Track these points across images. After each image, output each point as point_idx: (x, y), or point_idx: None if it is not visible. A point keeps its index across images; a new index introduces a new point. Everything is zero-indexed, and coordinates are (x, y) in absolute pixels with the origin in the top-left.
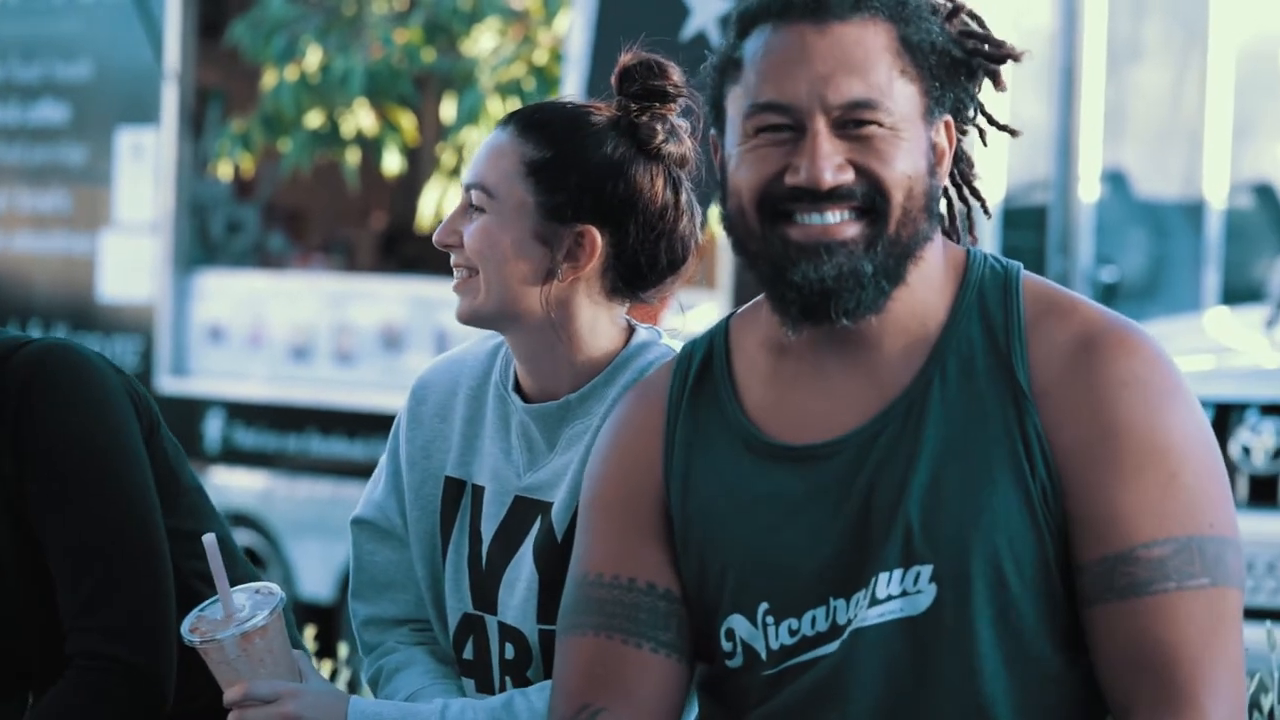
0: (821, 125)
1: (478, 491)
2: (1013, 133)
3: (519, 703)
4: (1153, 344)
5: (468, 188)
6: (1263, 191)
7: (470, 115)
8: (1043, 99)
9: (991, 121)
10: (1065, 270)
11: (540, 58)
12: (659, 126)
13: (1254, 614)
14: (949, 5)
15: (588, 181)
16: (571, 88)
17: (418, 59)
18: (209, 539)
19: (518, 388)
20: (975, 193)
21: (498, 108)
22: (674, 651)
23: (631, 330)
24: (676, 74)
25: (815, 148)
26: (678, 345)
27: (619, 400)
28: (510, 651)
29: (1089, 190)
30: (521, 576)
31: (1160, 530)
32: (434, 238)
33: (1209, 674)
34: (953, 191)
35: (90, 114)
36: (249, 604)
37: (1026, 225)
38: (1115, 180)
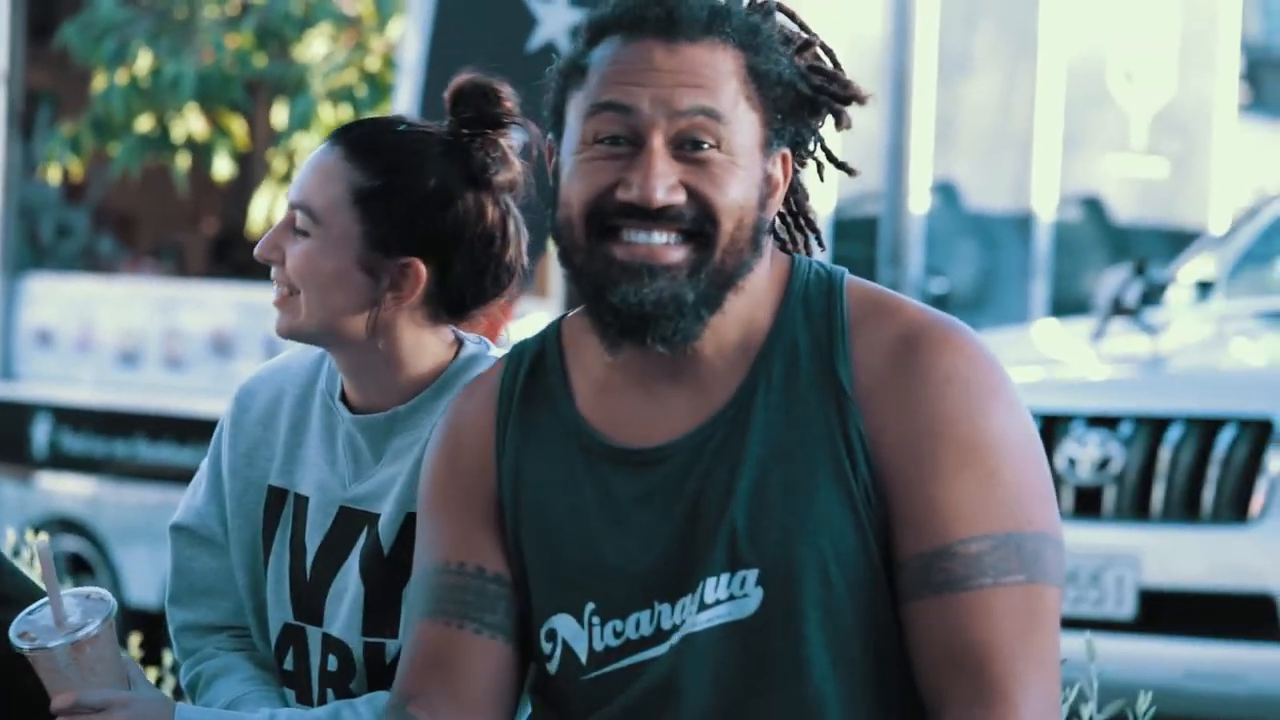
0: (659, 142)
1: (301, 501)
2: (850, 171)
3: (346, 714)
4: (975, 341)
5: (293, 206)
6: (1091, 204)
7: (302, 121)
8: (873, 109)
9: (830, 158)
10: (895, 281)
11: (373, 64)
12: (490, 156)
13: (1077, 624)
14: (802, 38)
15: (415, 214)
16: (405, 96)
17: (249, 64)
18: (42, 544)
19: (344, 398)
20: (810, 224)
21: (329, 114)
22: (500, 633)
23: (459, 343)
24: (511, 98)
25: (650, 164)
26: (492, 352)
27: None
28: (333, 663)
29: (919, 201)
30: (348, 589)
31: (978, 526)
32: (255, 251)
33: (1022, 670)
34: (788, 221)
35: None
36: (79, 610)
37: (857, 236)
38: (945, 191)
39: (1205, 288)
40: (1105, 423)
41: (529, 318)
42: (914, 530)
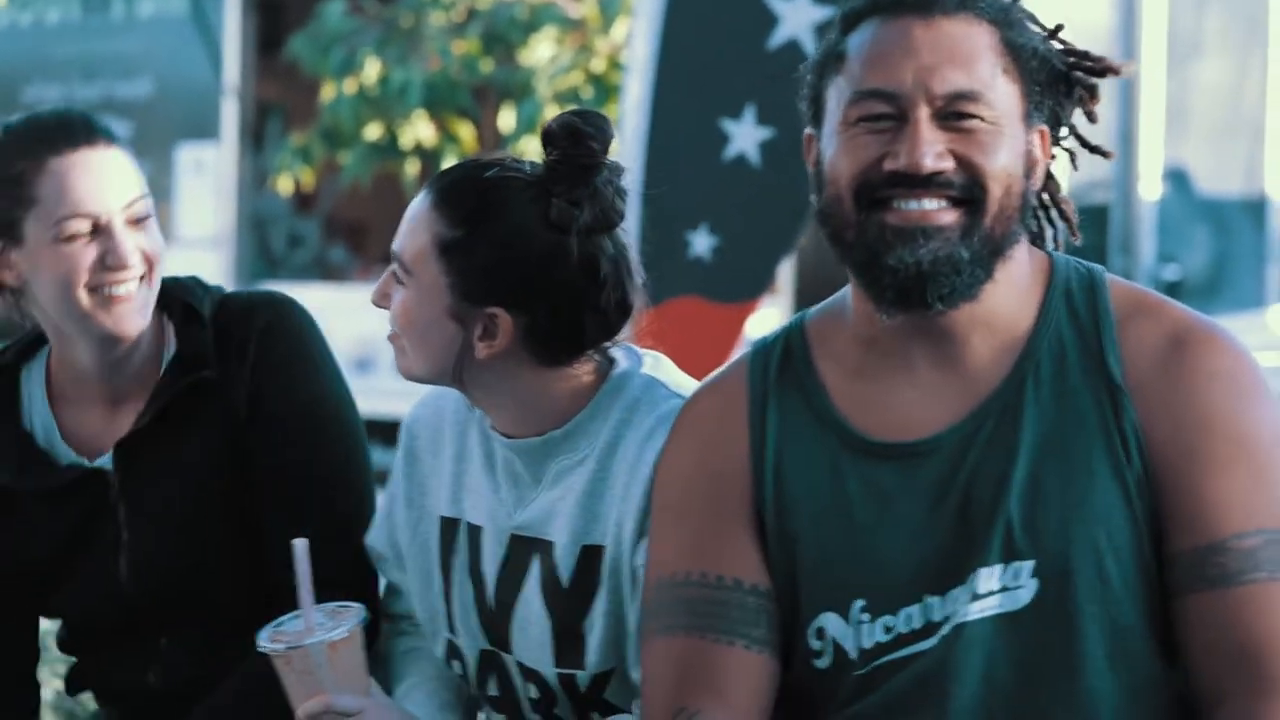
0: (924, 113)
1: (474, 530)
2: (1105, 154)
3: None
4: (1238, 343)
5: (392, 256)
6: None
7: (529, 124)
8: (1102, 96)
9: (1084, 143)
10: (1127, 268)
11: (598, 66)
12: (576, 205)
13: None
14: (1050, 26)
15: (495, 265)
16: (634, 97)
17: (476, 70)
18: (300, 544)
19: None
20: (1064, 214)
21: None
22: (765, 648)
23: (608, 359)
24: (600, 137)
25: (916, 134)
26: (663, 367)
27: (620, 426)
28: (533, 691)
29: (1150, 188)
30: (532, 620)
31: (1250, 522)
32: (371, 298)
33: None
34: (1040, 212)
35: (151, 131)
36: (328, 619)
37: (1088, 224)
38: (1177, 177)
39: None
40: None
41: (759, 314)
42: (1186, 524)
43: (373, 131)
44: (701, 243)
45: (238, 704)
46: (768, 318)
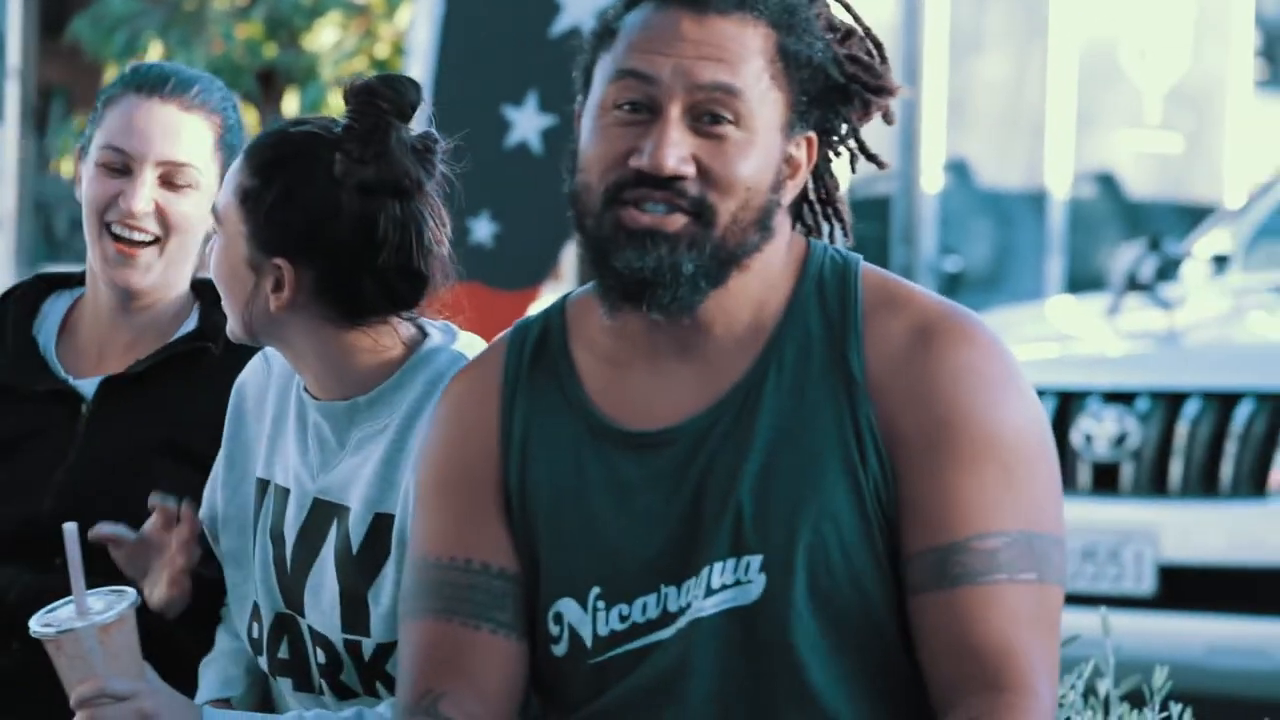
0: (676, 112)
1: (281, 492)
2: (880, 164)
3: (368, 717)
4: (990, 334)
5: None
6: (1105, 180)
7: (313, 109)
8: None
9: (862, 149)
10: (909, 260)
11: (382, 51)
12: (362, 162)
13: (1096, 600)
14: (844, 27)
15: (280, 215)
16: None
17: (259, 54)
18: (69, 528)
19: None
20: (837, 214)
21: (338, 101)
22: (512, 632)
23: (422, 333)
24: (395, 99)
25: (663, 133)
26: (471, 344)
27: (422, 398)
28: (321, 656)
29: (932, 180)
30: (325, 584)
31: (993, 523)
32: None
33: (1038, 662)
34: (816, 208)
35: None
36: (101, 603)
37: (870, 215)
38: (959, 170)
39: (1221, 262)
40: (1122, 398)
41: (543, 301)
42: (927, 523)
43: None
44: (483, 229)
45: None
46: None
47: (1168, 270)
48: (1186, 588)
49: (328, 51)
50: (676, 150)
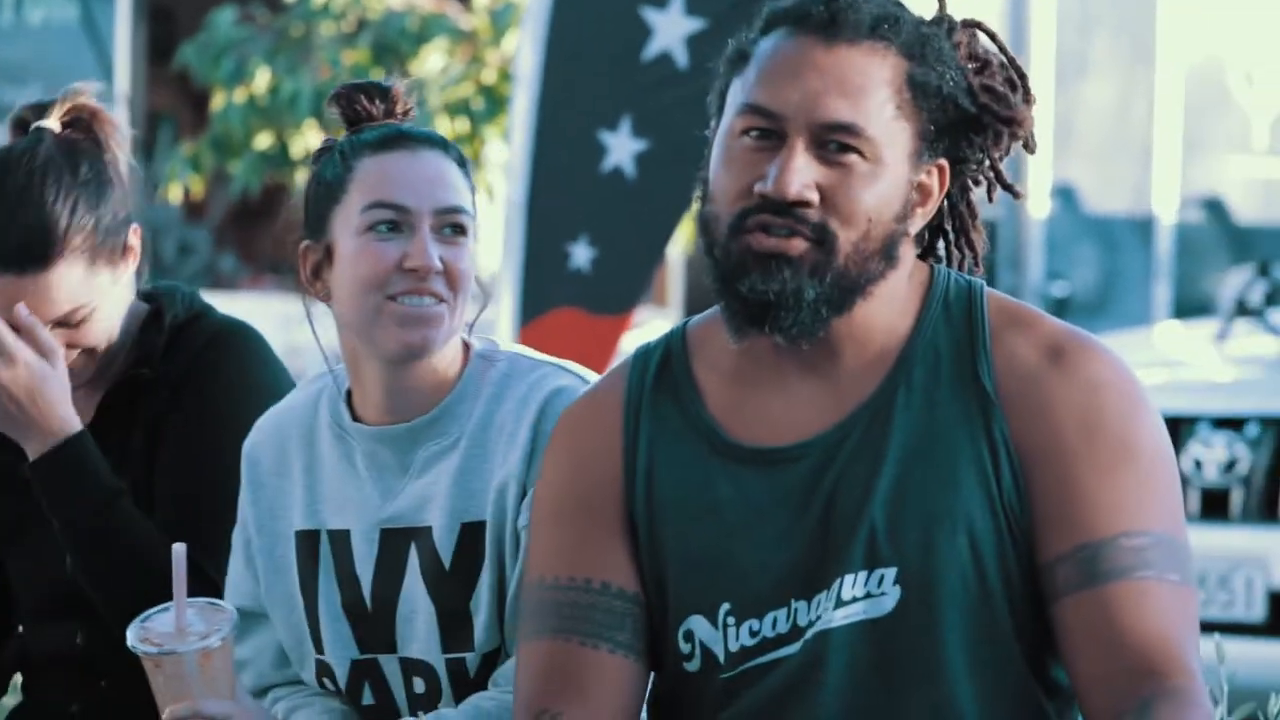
0: (800, 140)
1: (338, 536)
2: (1016, 194)
3: (487, 705)
4: (1117, 355)
5: None
6: (1213, 205)
7: None
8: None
9: (999, 179)
10: (1016, 285)
11: (489, 77)
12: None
13: (1206, 627)
14: (984, 57)
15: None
16: (521, 108)
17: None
18: (179, 548)
19: (357, 418)
20: (969, 244)
21: (446, 127)
22: (630, 652)
23: (464, 345)
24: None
25: (788, 159)
26: (518, 346)
27: (491, 404)
28: (420, 686)
29: (1039, 206)
30: (418, 610)
31: (1138, 522)
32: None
33: (1192, 657)
34: (949, 238)
35: None
36: (199, 620)
37: None
38: (1065, 195)
39: None
40: (1231, 424)
41: (648, 325)
42: (1071, 526)
43: (263, 140)
44: (581, 254)
45: None
46: (657, 329)
47: (1276, 295)
48: None
49: (434, 77)
50: (800, 177)
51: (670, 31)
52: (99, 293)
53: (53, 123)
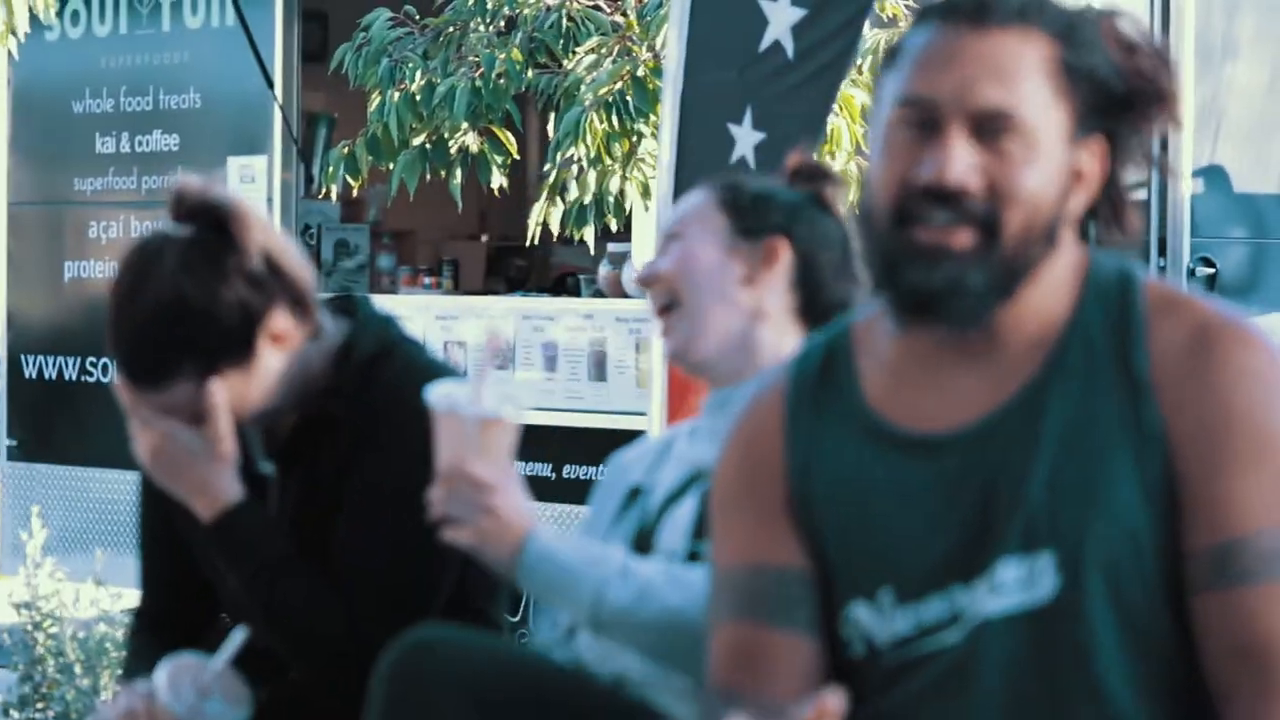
0: (957, 126)
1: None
2: (1168, 174)
3: (676, 570)
4: (1268, 340)
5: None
6: None
7: (573, 132)
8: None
9: (1155, 164)
10: (1164, 267)
11: (640, 71)
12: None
13: None
14: (1128, 42)
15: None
16: (668, 103)
17: (519, 78)
18: (494, 329)
19: None
20: (1122, 226)
21: (599, 123)
22: (810, 631)
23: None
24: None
25: (947, 147)
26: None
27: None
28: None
29: (1188, 186)
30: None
31: (1271, 520)
32: None
33: None
34: (1104, 219)
35: (200, 142)
36: (499, 400)
37: None
38: (1212, 176)
39: None
40: None
41: None
42: (1206, 521)
43: (419, 139)
44: None
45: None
46: None
47: None
48: None
49: (587, 73)
50: (960, 163)
51: (781, 20)
52: (231, 389)
53: (182, 228)
